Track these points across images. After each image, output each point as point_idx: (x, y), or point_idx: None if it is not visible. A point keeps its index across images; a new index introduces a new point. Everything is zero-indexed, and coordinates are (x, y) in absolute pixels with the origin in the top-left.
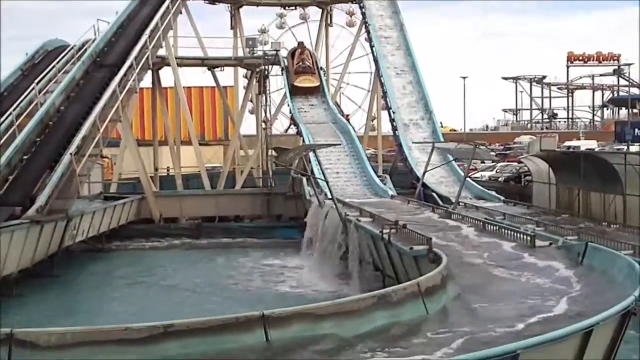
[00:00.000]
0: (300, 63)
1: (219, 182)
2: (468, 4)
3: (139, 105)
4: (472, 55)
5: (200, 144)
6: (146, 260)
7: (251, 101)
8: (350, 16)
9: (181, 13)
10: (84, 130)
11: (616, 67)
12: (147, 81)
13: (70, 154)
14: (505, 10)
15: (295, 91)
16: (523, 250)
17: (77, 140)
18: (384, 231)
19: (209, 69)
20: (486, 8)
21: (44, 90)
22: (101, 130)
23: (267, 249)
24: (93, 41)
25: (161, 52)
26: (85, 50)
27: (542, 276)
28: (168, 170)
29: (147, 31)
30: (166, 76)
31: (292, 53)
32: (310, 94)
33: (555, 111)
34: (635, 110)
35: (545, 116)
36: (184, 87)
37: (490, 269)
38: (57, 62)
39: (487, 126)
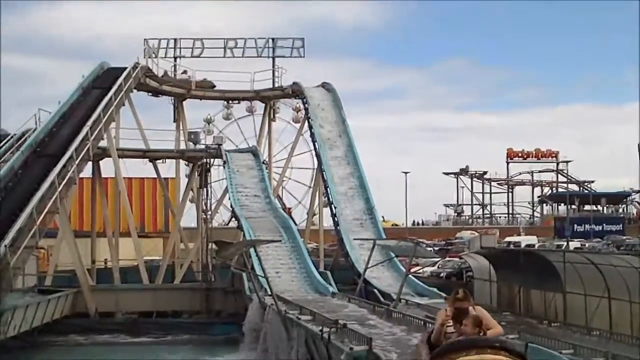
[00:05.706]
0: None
1: (157, 276)
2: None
3: (78, 195)
4: (414, 149)
5: (139, 236)
6: (78, 357)
7: (192, 191)
8: (297, 112)
9: (124, 105)
10: (20, 222)
11: (555, 164)
12: (87, 171)
13: (5, 246)
14: (447, 106)
15: None
16: None
17: (12, 233)
18: (324, 330)
19: (150, 161)
20: (428, 105)
21: None
22: (38, 222)
23: (205, 346)
24: (34, 131)
25: (102, 143)
26: (25, 139)
27: None
28: (106, 263)
29: (89, 122)
30: (107, 166)
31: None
32: None
33: (462, 207)
34: (573, 207)
35: (454, 212)
36: (124, 178)
37: None
38: None
39: (428, 221)
